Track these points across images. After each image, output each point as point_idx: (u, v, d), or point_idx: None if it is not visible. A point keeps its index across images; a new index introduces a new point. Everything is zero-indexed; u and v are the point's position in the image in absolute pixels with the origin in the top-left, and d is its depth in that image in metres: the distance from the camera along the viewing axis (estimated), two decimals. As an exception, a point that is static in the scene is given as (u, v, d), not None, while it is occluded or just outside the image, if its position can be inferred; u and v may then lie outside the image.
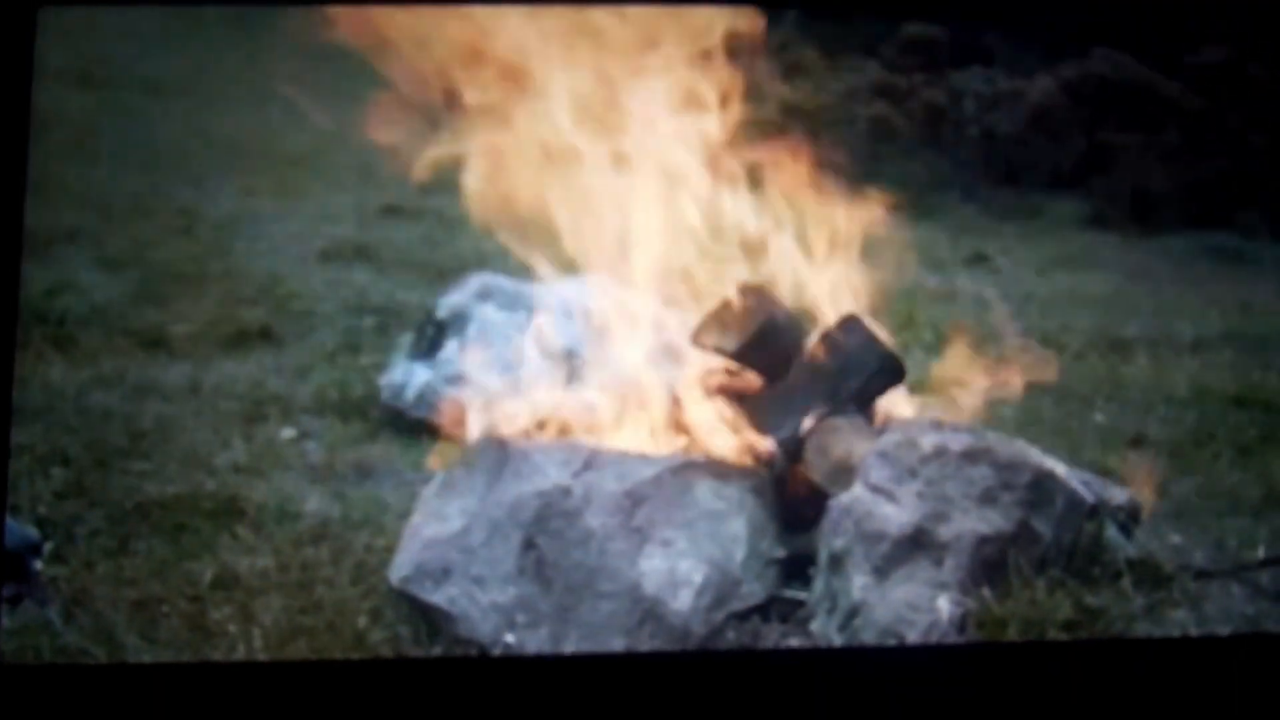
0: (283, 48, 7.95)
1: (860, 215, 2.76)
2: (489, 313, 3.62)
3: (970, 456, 2.33)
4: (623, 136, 2.73)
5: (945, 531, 2.28)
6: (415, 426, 3.50)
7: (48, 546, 2.66)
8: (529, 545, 2.38)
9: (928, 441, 2.35)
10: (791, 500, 2.52)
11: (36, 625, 2.37)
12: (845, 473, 2.42)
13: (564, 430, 2.69)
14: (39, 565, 2.57)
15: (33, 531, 2.64)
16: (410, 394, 3.56)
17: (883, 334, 2.65)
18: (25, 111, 2.18)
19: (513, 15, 2.67)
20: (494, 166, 2.75)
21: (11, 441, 3.06)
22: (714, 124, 2.74)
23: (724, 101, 2.74)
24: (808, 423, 2.53)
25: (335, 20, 2.66)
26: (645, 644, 2.31)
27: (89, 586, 2.52)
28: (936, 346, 4.13)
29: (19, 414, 3.30)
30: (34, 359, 3.78)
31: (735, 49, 2.72)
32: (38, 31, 2.26)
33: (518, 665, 2.24)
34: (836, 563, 2.34)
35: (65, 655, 2.28)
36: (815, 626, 2.34)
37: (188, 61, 7.27)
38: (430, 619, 2.38)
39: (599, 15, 2.69)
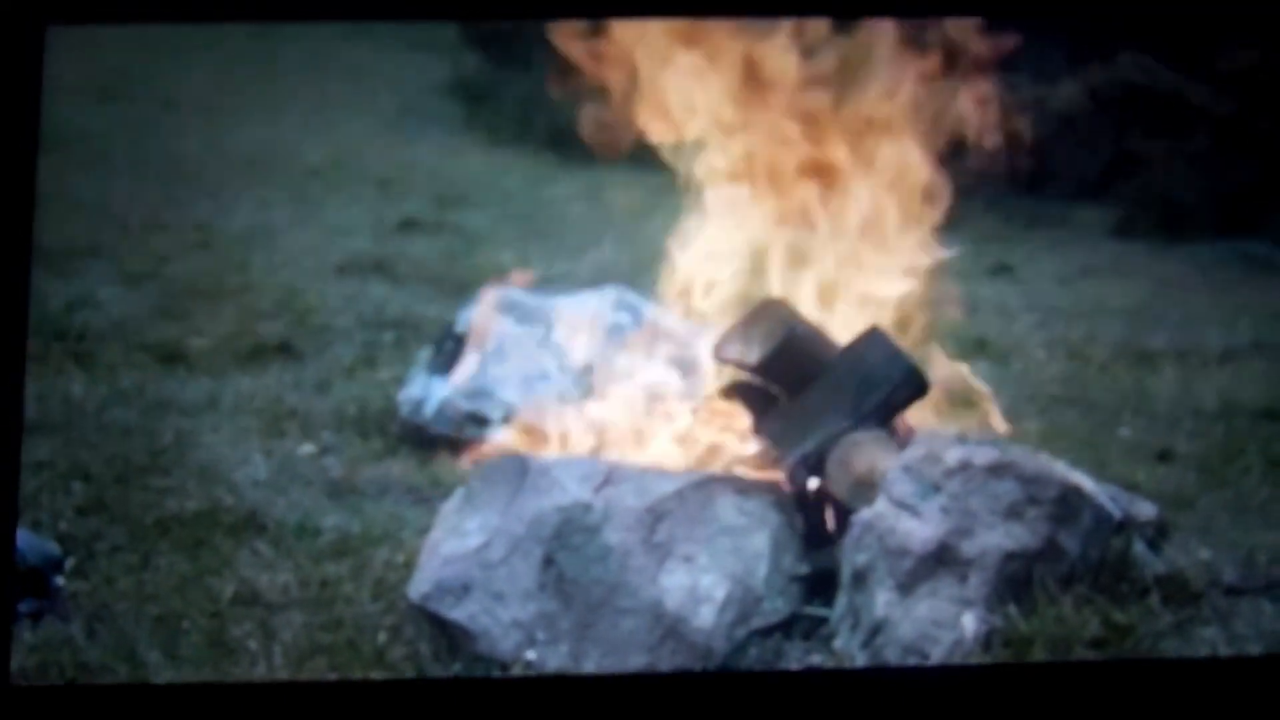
0: (299, 62, 7.99)
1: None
2: (508, 327, 3.61)
3: (995, 471, 2.29)
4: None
5: (970, 547, 2.25)
6: (434, 442, 3.49)
7: (69, 562, 2.66)
8: (549, 561, 2.36)
9: (952, 456, 2.32)
10: (814, 515, 2.49)
11: (58, 641, 2.36)
12: (868, 487, 2.40)
13: (585, 445, 2.67)
14: (60, 581, 2.57)
15: (54, 547, 2.65)
16: (429, 409, 3.55)
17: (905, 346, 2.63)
18: (35, 128, 2.19)
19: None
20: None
21: (32, 457, 3.08)
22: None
23: None
24: (830, 437, 2.51)
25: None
26: (666, 661, 2.29)
27: (110, 602, 2.53)
28: (959, 359, 4.10)
29: (40, 429, 3.31)
30: (54, 374, 3.80)
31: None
32: (54, 49, 2.27)
33: (538, 685, 2.22)
34: (860, 579, 2.31)
35: (87, 671, 2.28)
36: (838, 644, 2.31)
37: (204, 76, 7.30)
38: (450, 636, 2.37)
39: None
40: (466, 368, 3.58)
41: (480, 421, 3.50)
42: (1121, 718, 2.09)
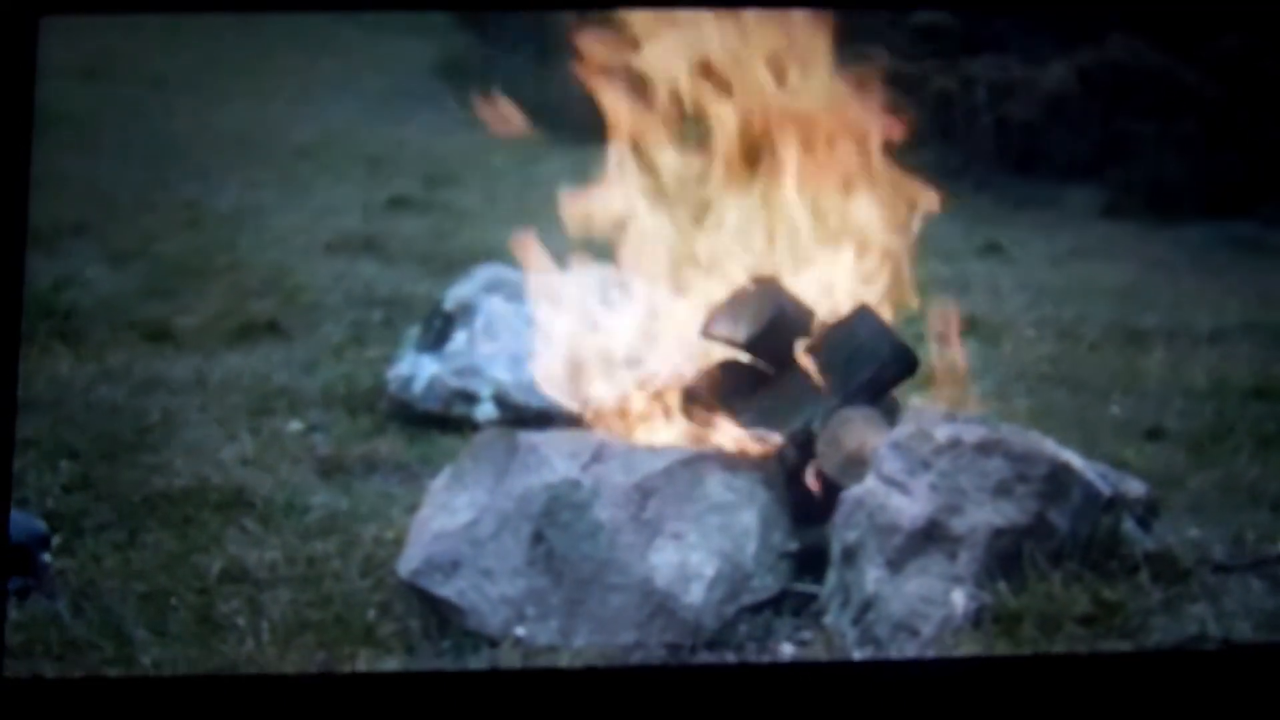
0: (287, 41, 7.95)
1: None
2: (496, 304, 3.60)
3: (984, 448, 2.29)
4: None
5: (959, 524, 2.25)
6: (423, 419, 3.49)
7: (56, 540, 2.66)
8: (538, 538, 2.36)
9: (941, 433, 2.32)
10: (803, 492, 2.49)
11: (44, 618, 2.36)
12: (858, 464, 2.40)
13: (573, 422, 2.67)
14: (47, 558, 2.56)
15: (40, 524, 2.64)
16: (418, 387, 3.54)
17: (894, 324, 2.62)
18: (29, 112, 2.17)
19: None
20: None
21: (20, 435, 3.06)
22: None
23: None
24: (820, 414, 2.50)
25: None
26: (656, 638, 2.28)
27: (97, 579, 2.52)
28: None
29: (27, 408, 3.30)
30: (41, 353, 3.78)
31: None
32: (42, 28, 2.25)
33: (528, 676, 2.20)
34: (849, 556, 2.31)
35: (73, 649, 2.27)
36: (828, 620, 2.31)
37: (192, 55, 7.27)
38: (439, 612, 2.36)
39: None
40: (455, 345, 3.57)
41: (469, 399, 3.50)
42: (1110, 703, 2.09)
